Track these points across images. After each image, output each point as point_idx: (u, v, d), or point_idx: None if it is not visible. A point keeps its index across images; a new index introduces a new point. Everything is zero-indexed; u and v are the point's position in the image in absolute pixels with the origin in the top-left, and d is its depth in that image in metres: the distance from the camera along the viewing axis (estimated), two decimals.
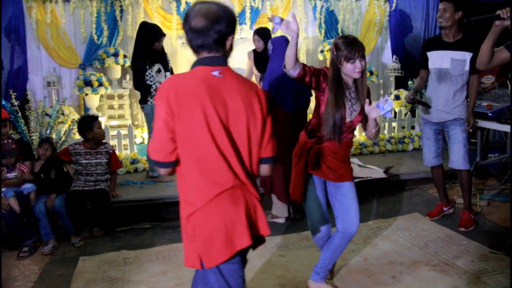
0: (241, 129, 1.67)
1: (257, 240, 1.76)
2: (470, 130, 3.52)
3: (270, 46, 3.84)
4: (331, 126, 2.40)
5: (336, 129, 2.41)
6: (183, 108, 1.59)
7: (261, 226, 1.73)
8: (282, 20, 2.05)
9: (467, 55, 3.41)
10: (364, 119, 2.49)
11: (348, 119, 2.46)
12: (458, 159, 3.57)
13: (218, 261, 1.64)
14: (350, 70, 2.38)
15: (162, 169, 1.67)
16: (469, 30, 3.47)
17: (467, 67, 3.43)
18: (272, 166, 1.81)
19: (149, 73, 4.23)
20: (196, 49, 1.68)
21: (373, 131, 2.47)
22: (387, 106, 2.25)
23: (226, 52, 1.70)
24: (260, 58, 4.83)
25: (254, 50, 4.97)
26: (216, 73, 1.66)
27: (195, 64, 1.70)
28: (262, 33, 4.59)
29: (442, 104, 3.53)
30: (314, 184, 2.57)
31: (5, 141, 3.54)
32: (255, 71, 5.18)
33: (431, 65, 3.60)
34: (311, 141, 2.53)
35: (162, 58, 4.39)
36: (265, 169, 1.80)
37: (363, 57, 2.37)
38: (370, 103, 2.42)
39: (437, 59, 3.53)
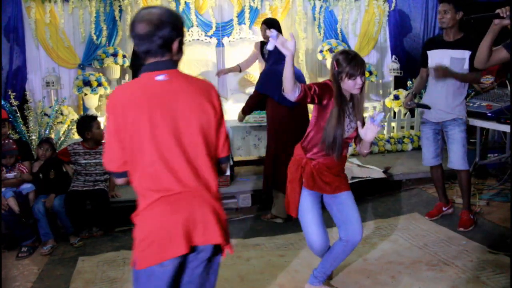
0: (193, 132, 1.63)
1: (216, 248, 1.70)
2: (438, 76, 3.45)
3: (266, 50, 3.87)
4: (331, 142, 2.37)
5: (335, 145, 2.38)
6: (128, 117, 1.58)
7: (212, 234, 1.64)
8: (278, 34, 2.02)
9: (466, 54, 3.41)
10: (358, 136, 2.46)
11: (345, 135, 2.43)
12: (457, 159, 3.57)
13: (148, 264, 1.60)
14: (351, 86, 2.35)
15: (119, 179, 1.68)
16: (469, 29, 3.47)
17: (466, 66, 3.43)
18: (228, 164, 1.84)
19: None
20: (143, 55, 1.67)
21: (365, 151, 2.43)
22: (378, 117, 2.25)
23: (173, 56, 1.67)
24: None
25: (261, 42, 5.00)
26: (160, 77, 1.62)
27: (141, 71, 1.67)
28: (270, 23, 4.60)
29: (441, 103, 3.53)
30: (309, 199, 2.53)
31: (6, 141, 3.53)
32: (260, 60, 5.20)
33: (430, 64, 3.60)
34: (306, 156, 2.51)
35: None
36: (224, 169, 1.81)
37: (363, 73, 2.35)
38: (362, 125, 2.36)
39: (437, 58, 3.53)
